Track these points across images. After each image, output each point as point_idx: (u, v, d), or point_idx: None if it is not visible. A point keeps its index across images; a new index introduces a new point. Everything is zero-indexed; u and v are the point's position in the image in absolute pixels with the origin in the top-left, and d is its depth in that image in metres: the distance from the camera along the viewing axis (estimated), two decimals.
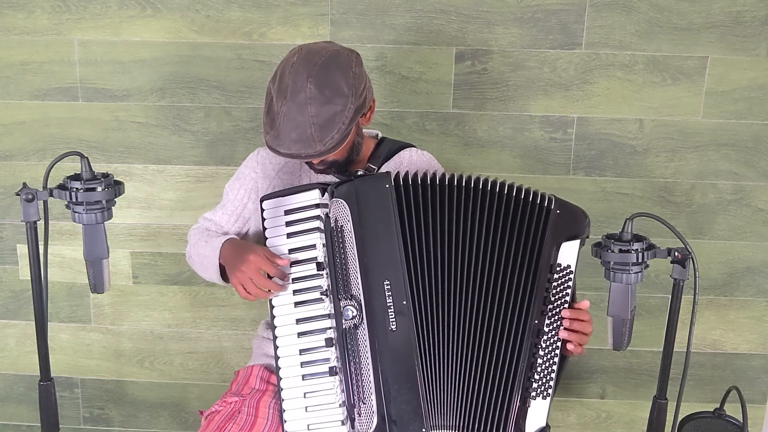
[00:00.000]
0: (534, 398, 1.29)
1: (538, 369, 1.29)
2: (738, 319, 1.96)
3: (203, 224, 1.58)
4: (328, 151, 1.30)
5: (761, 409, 2.01)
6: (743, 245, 1.91)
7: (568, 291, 1.31)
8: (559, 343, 1.30)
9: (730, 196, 1.88)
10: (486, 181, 1.34)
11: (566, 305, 1.30)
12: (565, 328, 1.30)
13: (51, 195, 1.19)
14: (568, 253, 1.30)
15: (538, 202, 1.32)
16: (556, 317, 1.30)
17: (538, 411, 1.29)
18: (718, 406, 1.54)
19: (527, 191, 1.33)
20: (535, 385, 1.29)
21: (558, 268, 1.30)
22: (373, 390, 1.26)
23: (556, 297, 1.30)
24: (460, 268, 1.30)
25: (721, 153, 1.85)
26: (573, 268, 1.30)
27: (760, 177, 1.86)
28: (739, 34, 1.77)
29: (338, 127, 1.29)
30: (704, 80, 1.81)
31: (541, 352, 1.29)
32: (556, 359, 1.31)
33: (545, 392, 1.30)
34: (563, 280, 1.30)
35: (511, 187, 1.33)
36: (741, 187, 1.87)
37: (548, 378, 1.30)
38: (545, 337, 1.30)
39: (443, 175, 1.34)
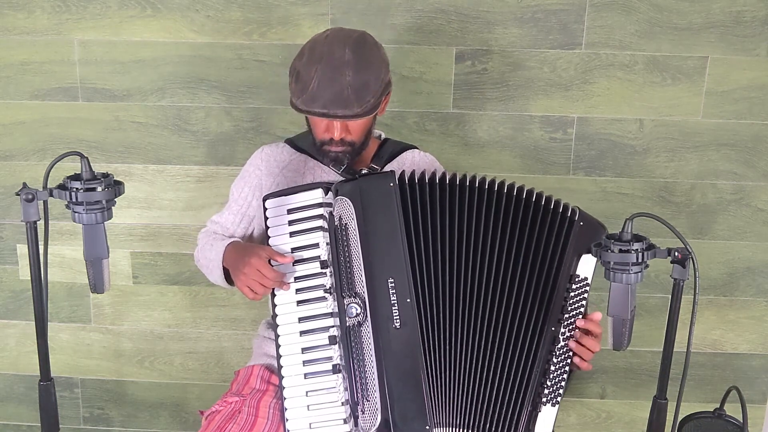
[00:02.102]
0: (544, 404, 1.30)
1: (551, 376, 1.30)
2: (738, 319, 1.96)
3: (211, 227, 1.59)
4: (363, 113, 1.35)
5: (761, 409, 2.01)
6: (743, 245, 1.91)
7: (584, 303, 1.32)
8: (570, 353, 1.31)
9: (730, 196, 1.88)
10: (502, 184, 1.34)
11: (581, 317, 1.32)
12: (575, 340, 1.31)
13: (51, 195, 1.19)
14: (587, 265, 1.31)
15: (560, 211, 1.33)
16: (571, 327, 1.31)
17: (546, 418, 1.30)
18: (718, 406, 1.54)
19: (548, 199, 1.33)
20: (546, 391, 1.30)
21: (576, 279, 1.31)
22: (377, 387, 1.26)
23: (573, 307, 1.31)
24: (471, 269, 1.30)
25: (721, 153, 1.85)
26: (589, 281, 1.32)
27: (760, 177, 1.86)
28: (739, 34, 1.77)
29: (372, 93, 1.36)
30: (704, 80, 1.81)
31: (555, 360, 1.30)
32: (567, 368, 1.32)
33: (554, 399, 1.31)
34: (580, 291, 1.32)
35: (530, 192, 1.34)
36: (741, 187, 1.87)
37: (559, 386, 1.30)
38: (559, 345, 1.30)
39: (454, 175, 1.34)
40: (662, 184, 1.88)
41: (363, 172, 1.40)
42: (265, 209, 1.38)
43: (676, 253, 1.21)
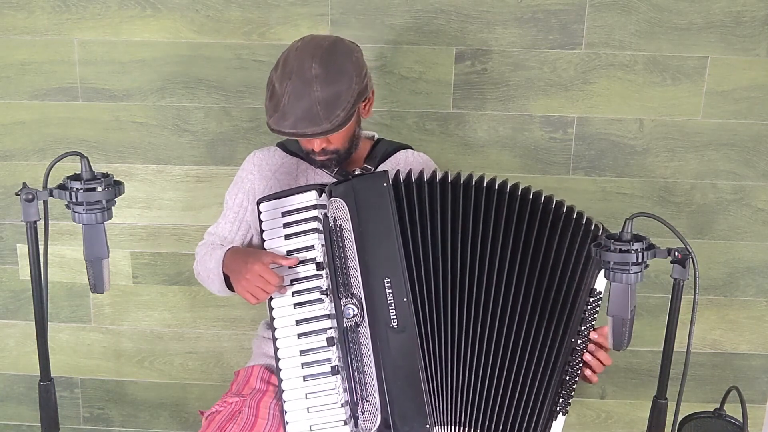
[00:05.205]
0: (559, 412, 1.31)
1: (566, 386, 1.31)
2: (738, 319, 1.96)
3: (208, 239, 1.58)
4: (333, 129, 1.31)
5: (761, 409, 2.01)
6: (743, 245, 1.91)
7: (596, 316, 1.33)
8: (581, 364, 1.33)
9: (730, 196, 1.88)
10: (516, 186, 1.33)
11: (593, 329, 1.33)
12: (589, 352, 1.32)
13: (51, 195, 1.19)
14: (601, 279, 1.32)
15: (584, 222, 1.33)
16: (585, 339, 1.32)
17: (558, 426, 1.32)
18: (718, 406, 1.54)
19: (570, 209, 1.33)
20: (561, 400, 1.31)
21: (595, 293, 1.32)
22: (375, 388, 1.26)
23: (589, 320, 1.32)
24: (478, 270, 1.30)
25: (721, 153, 1.85)
26: (602, 295, 1.33)
27: (760, 177, 1.86)
28: (739, 34, 1.77)
29: (343, 105, 1.31)
30: (704, 80, 1.81)
31: (570, 370, 1.31)
32: (577, 379, 1.33)
33: (565, 408, 1.32)
34: (596, 304, 1.33)
35: (549, 199, 1.33)
36: (741, 187, 1.87)
37: (570, 395, 1.32)
38: (576, 356, 1.32)
39: (446, 174, 1.34)
40: (662, 184, 1.88)
41: (356, 172, 1.40)
42: (259, 212, 1.38)
43: (676, 253, 1.21)
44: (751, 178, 1.87)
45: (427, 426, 1.25)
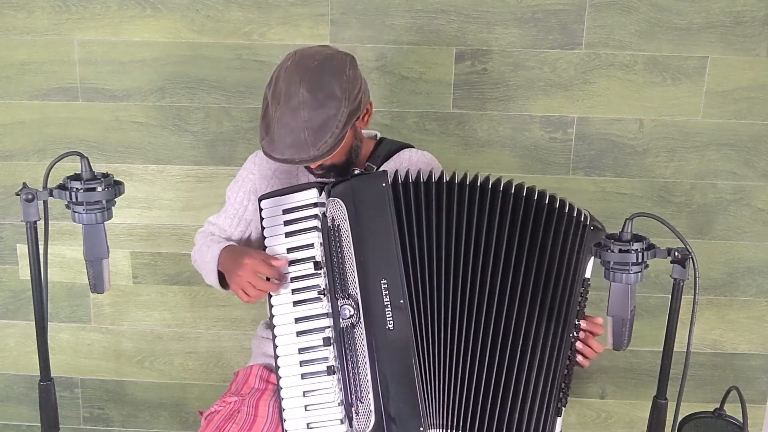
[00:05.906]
0: (561, 409, 1.31)
1: (566, 380, 1.31)
2: (738, 319, 1.96)
3: (208, 228, 1.58)
4: (322, 155, 1.29)
5: (761, 409, 2.01)
6: (743, 245, 1.91)
7: (585, 303, 1.33)
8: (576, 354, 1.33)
9: (730, 196, 1.88)
10: (510, 183, 1.33)
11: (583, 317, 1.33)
12: (580, 340, 1.31)
13: (51, 195, 1.19)
14: (590, 267, 1.32)
15: (575, 215, 1.32)
16: (578, 329, 1.32)
17: (559, 421, 1.32)
18: (718, 406, 1.54)
19: (563, 202, 1.32)
20: (561, 395, 1.30)
21: (586, 282, 1.32)
22: (370, 389, 1.25)
23: (582, 311, 1.32)
24: (472, 271, 1.29)
25: (721, 153, 1.85)
26: (590, 280, 1.33)
27: (760, 177, 1.86)
28: (739, 34, 1.77)
29: (332, 131, 1.28)
30: (704, 80, 1.81)
31: (568, 363, 1.31)
32: (573, 369, 1.33)
33: (565, 401, 1.32)
34: (586, 293, 1.32)
35: (542, 194, 1.32)
36: (741, 187, 1.87)
37: (569, 387, 1.31)
38: (573, 349, 1.32)
39: (457, 175, 1.33)
40: (662, 184, 1.88)
41: (356, 172, 1.39)
42: (260, 210, 1.38)
43: (676, 253, 1.21)
44: (751, 178, 1.87)
45: (421, 429, 1.25)
